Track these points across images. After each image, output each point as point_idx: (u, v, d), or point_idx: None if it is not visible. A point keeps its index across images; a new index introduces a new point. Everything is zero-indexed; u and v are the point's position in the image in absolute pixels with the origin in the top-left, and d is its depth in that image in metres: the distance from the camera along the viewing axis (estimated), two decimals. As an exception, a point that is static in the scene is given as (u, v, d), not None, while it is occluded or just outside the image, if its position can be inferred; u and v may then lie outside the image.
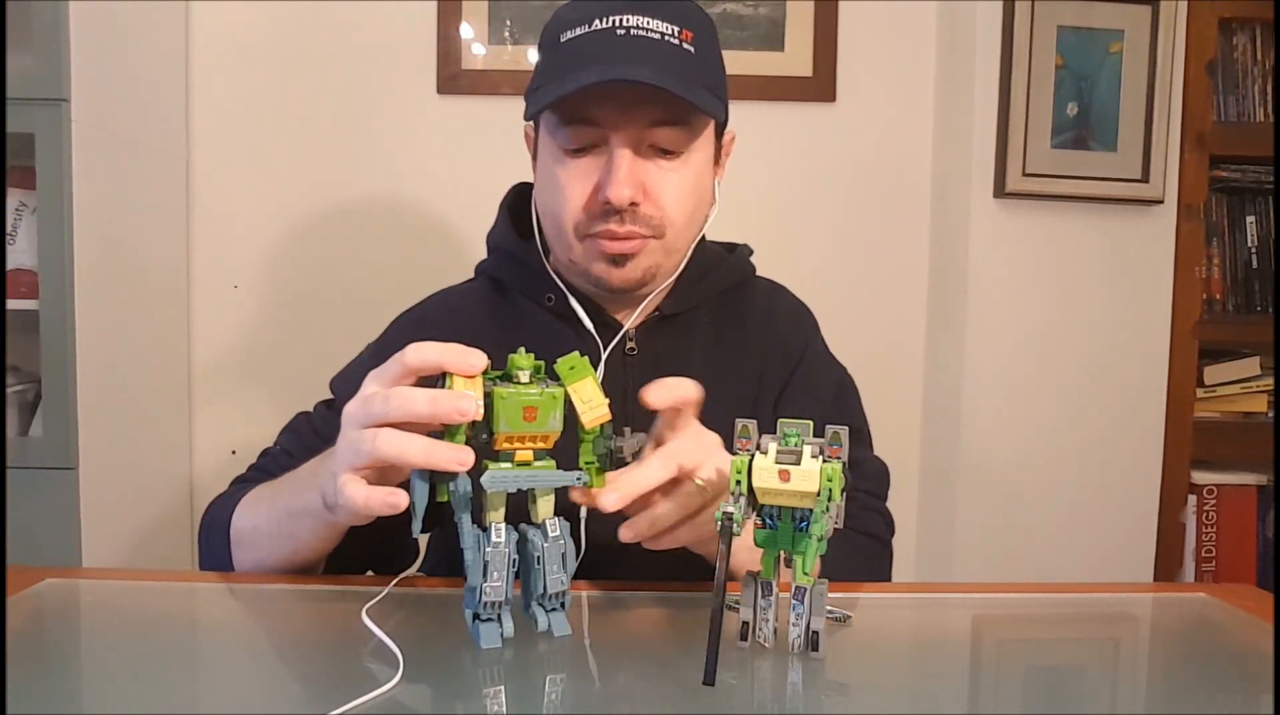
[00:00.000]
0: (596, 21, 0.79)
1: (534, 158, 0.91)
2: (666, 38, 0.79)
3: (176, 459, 1.63)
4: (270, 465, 0.87)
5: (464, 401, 0.57)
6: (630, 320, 0.90)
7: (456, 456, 0.57)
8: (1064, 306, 1.56)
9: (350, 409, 0.62)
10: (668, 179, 0.83)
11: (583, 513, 0.80)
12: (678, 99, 0.78)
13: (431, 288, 1.00)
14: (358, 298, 1.67)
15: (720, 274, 0.95)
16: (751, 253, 1.00)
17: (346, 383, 0.90)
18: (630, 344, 0.90)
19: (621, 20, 0.78)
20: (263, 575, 0.79)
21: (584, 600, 0.71)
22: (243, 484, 0.86)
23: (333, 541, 0.74)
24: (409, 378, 0.61)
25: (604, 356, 0.88)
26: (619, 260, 0.84)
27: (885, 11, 1.68)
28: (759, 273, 1.01)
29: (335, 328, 1.66)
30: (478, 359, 0.59)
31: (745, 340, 0.95)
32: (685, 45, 0.80)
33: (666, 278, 0.89)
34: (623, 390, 0.86)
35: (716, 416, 0.67)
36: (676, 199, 0.84)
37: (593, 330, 0.89)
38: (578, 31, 0.80)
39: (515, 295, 0.93)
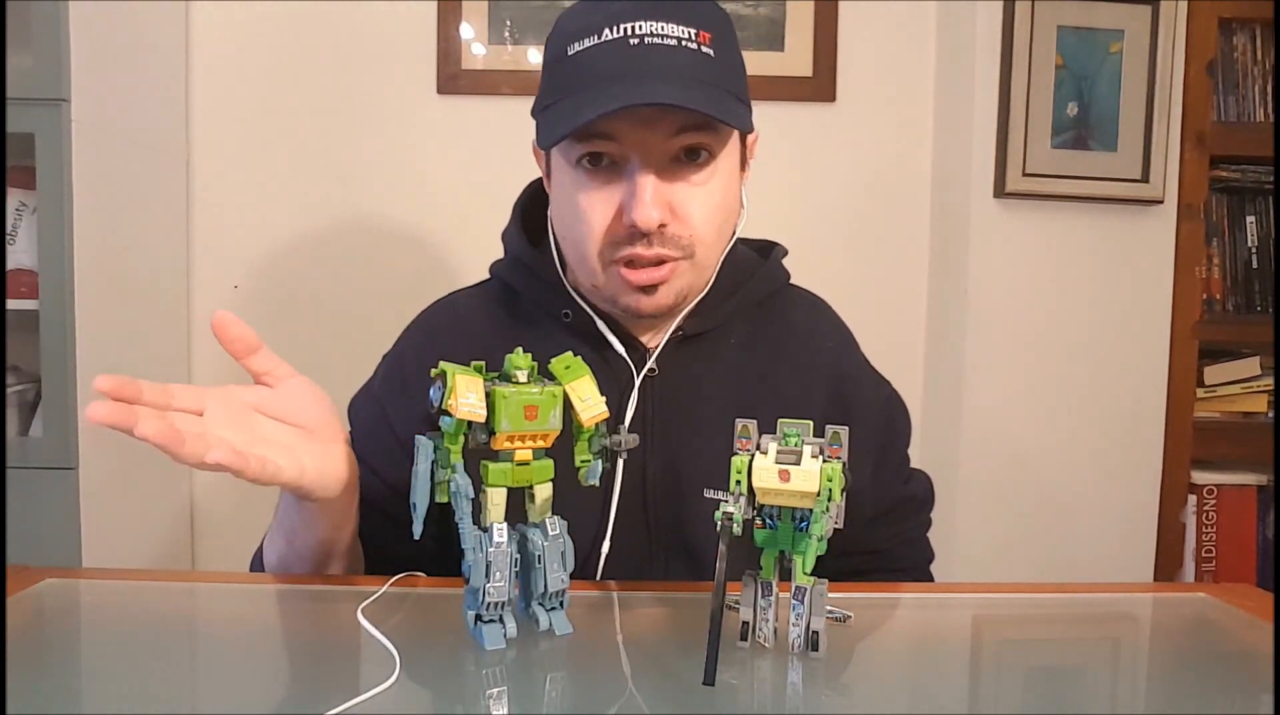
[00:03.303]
0: (606, 31, 0.72)
1: (546, 176, 0.86)
2: (684, 43, 0.73)
3: (176, 459, 1.63)
4: None
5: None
6: (655, 341, 0.85)
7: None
8: (1064, 306, 1.56)
9: None
10: (695, 195, 0.77)
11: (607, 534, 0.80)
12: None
13: (430, 287, 0.99)
14: (357, 297, 1.67)
15: (753, 286, 0.89)
16: (785, 254, 0.94)
17: (359, 410, 0.89)
18: (650, 364, 0.84)
19: (634, 28, 0.72)
20: (262, 576, 0.79)
21: (615, 601, 0.71)
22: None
23: (336, 525, 0.74)
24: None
25: (638, 382, 0.82)
26: (649, 289, 0.78)
27: (885, 11, 1.68)
28: None
29: (335, 327, 1.66)
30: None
31: (783, 361, 0.88)
32: (704, 49, 0.74)
33: (699, 293, 0.84)
34: (641, 411, 0.83)
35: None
36: (706, 215, 0.78)
37: (623, 353, 0.83)
38: (586, 44, 0.73)
39: (530, 306, 0.88)
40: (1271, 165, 1.56)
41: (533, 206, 0.91)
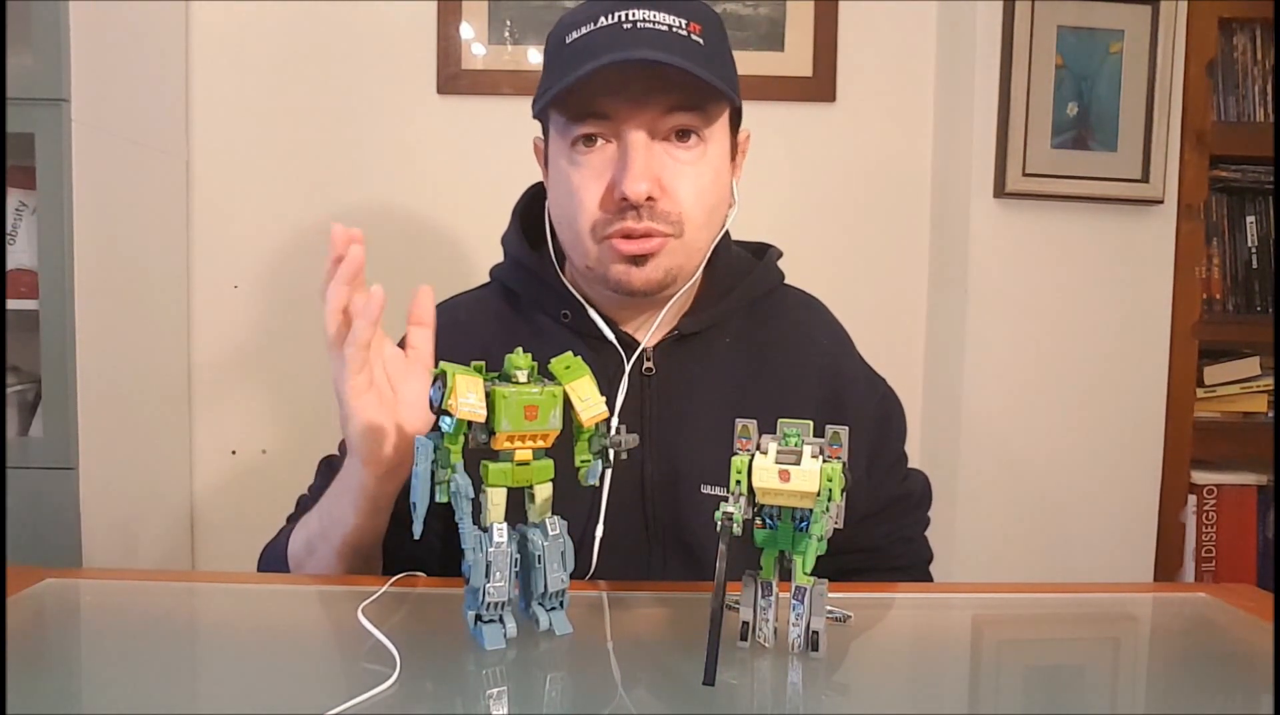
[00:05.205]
0: (602, 19, 0.77)
1: (545, 168, 0.88)
2: (674, 29, 0.77)
3: (176, 459, 1.63)
4: (308, 504, 0.86)
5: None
6: (648, 338, 0.86)
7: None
8: (1064, 306, 1.56)
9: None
10: (685, 173, 0.80)
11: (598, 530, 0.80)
12: (690, 84, 0.75)
13: (431, 287, 0.99)
14: (358, 298, 1.66)
15: (749, 285, 0.90)
16: (780, 255, 0.95)
17: None
18: (647, 364, 0.85)
19: (627, 15, 0.77)
20: (262, 576, 0.79)
21: (605, 600, 0.71)
22: (287, 525, 0.86)
23: (373, 511, 0.75)
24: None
25: (627, 371, 0.84)
26: (639, 260, 0.80)
27: (885, 11, 1.68)
28: None
29: (335, 328, 1.66)
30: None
31: (778, 358, 0.89)
32: (694, 37, 0.78)
33: (687, 279, 0.85)
34: (639, 411, 0.84)
35: None
36: (695, 193, 0.80)
37: (617, 344, 0.85)
38: (583, 31, 0.78)
39: (529, 307, 0.90)
40: (1271, 165, 1.56)
41: (531, 211, 0.92)
